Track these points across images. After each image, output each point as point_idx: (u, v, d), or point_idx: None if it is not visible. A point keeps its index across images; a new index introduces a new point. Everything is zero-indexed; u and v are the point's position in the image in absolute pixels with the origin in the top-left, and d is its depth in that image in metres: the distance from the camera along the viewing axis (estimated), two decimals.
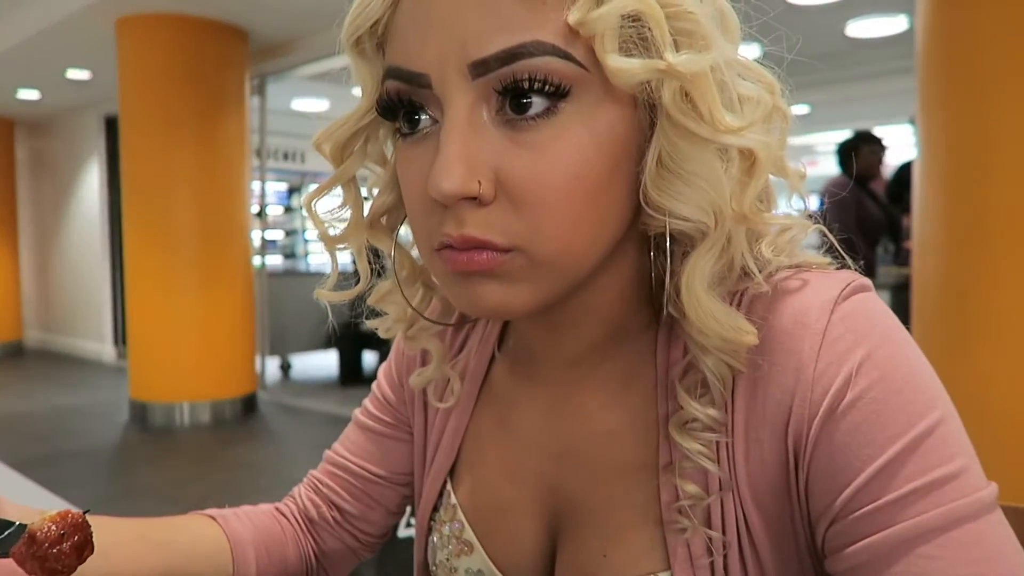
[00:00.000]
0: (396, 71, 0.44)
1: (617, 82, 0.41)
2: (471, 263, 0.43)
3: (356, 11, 0.46)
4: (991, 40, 2.07)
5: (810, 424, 0.44)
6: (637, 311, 0.53)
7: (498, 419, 0.60)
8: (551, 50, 0.40)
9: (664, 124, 0.43)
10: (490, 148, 0.42)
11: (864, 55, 5.34)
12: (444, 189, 0.41)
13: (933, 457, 0.41)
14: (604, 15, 0.40)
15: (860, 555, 0.42)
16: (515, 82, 0.41)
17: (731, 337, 0.44)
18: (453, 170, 0.41)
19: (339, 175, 0.53)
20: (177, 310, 4.83)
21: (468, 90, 0.42)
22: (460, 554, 0.58)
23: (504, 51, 0.40)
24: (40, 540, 0.42)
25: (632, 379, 0.53)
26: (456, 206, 0.43)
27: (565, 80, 0.41)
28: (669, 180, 0.44)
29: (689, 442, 0.47)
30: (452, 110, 0.42)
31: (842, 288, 0.46)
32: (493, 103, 0.42)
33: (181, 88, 4.71)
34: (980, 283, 2.12)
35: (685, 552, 0.48)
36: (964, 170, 2.15)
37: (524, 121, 0.42)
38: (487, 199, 0.42)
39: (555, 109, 0.42)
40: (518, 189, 0.42)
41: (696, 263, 0.45)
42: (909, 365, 0.44)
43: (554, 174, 0.42)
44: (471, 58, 0.41)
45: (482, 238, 0.43)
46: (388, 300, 0.58)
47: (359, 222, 0.54)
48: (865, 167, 4.02)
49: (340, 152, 0.52)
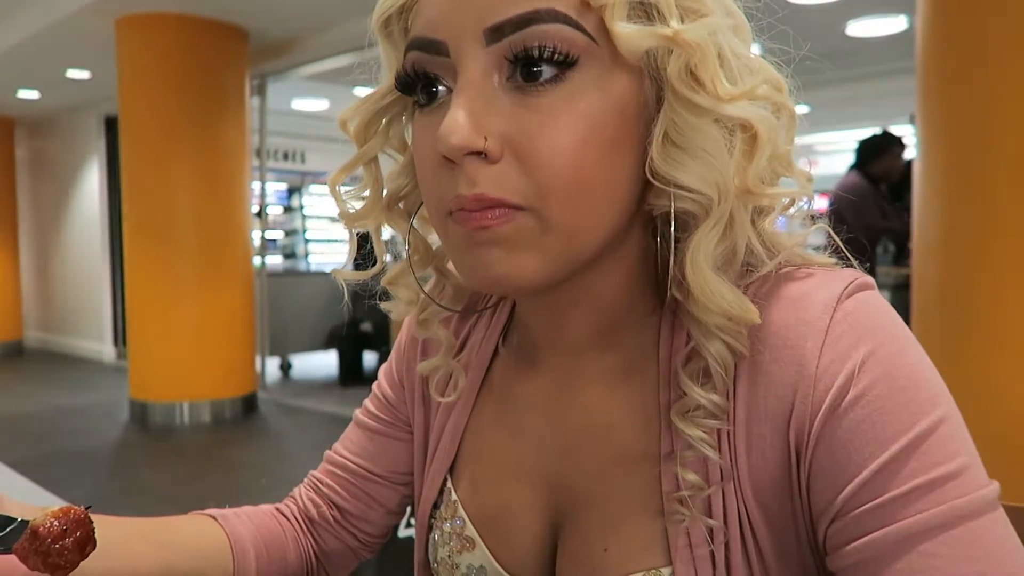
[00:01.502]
0: (417, 41, 0.46)
1: (624, 49, 0.43)
2: (484, 219, 0.44)
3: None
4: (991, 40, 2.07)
5: (812, 421, 0.44)
6: (639, 296, 0.53)
7: (499, 415, 0.60)
8: (563, 18, 0.42)
9: (670, 98, 0.44)
10: (499, 110, 0.44)
11: (864, 55, 5.34)
12: (450, 142, 0.43)
13: (935, 455, 0.42)
14: None
15: (861, 552, 0.42)
16: (526, 49, 0.43)
17: (735, 314, 0.45)
18: (460, 124, 0.43)
19: (362, 154, 0.55)
20: (177, 310, 4.83)
21: (482, 56, 0.44)
22: (462, 551, 0.58)
23: (519, 15, 0.42)
24: (42, 536, 0.42)
25: (634, 369, 0.53)
26: (465, 164, 0.44)
27: (574, 49, 0.43)
28: (675, 152, 0.45)
29: (692, 429, 0.47)
30: (465, 74, 0.44)
31: (846, 286, 0.46)
32: (504, 70, 0.44)
33: (181, 88, 4.72)
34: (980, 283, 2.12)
35: (685, 542, 0.48)
36: (964, 170, 2.15)
37: (534, 87, 0.43)
38: (495, 155, 0.44)
39: (563, 77, 0.43)
40: (526, 149, 0.43)
41: (701, 239, 0.45)
42: (912, 363, 0.44)
43: (562, 137, 0.43)
44: (487, 23, 0.43)
45: (495, 196, 0.44)
46: (400, 283, 0.59)
47: (378, 202, 0.56)
48: (884, 169, 3.96)
49: (364, 131, 0.54)
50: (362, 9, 0.49)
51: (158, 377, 4.92)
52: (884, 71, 5.41)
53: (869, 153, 3.97)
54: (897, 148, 3.98)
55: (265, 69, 5.47)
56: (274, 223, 9.04)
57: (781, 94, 0.47)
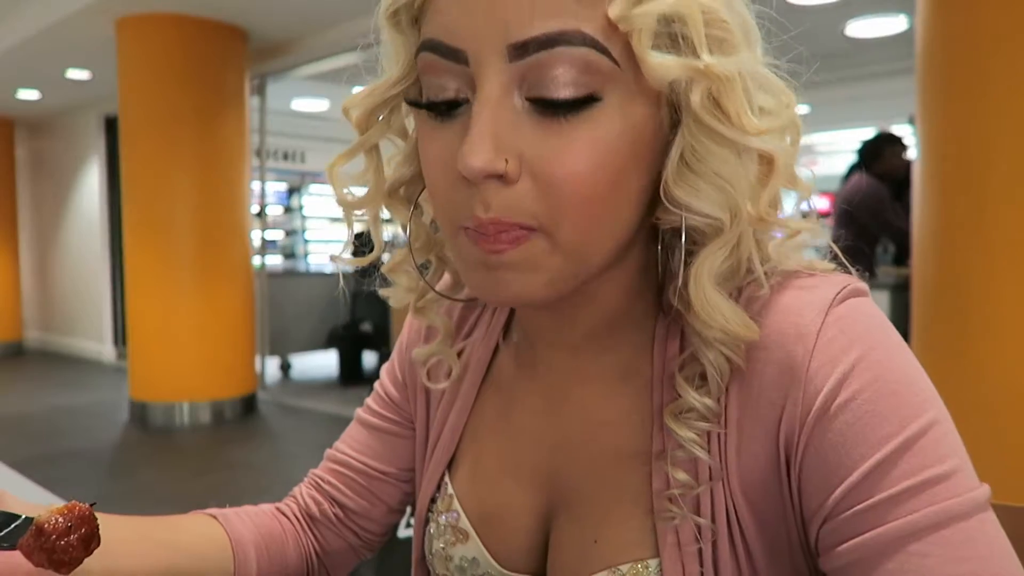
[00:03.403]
0: (434, 44, 0.45)
1: (652, 77, 0.42)
2: (498, 242, 0.44)
3: None
4: (991, 40, 2.08)
5: (802, 423, 0.45)
6: (638, 300, 0.54)
7: (498, 410, 0.61)
8: (590, 42, 0.41)
9: (690, 123, 0.44)
10: (519, 131, 0.43)
11: (864, 55, 5.34)
12: (473, 165, 0.42)
13: (926, 457, 0.42)
14: (645, 12, 0.41)
15: (852, 553, 0.42)
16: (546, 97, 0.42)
17: (734, 332, 0.45)
18: (483, 147, 0.42)
19: (363, 141, 0.54)
20: (177, 310, 4.83)
21: (503, 71, 0.43)
22: (456, 543, 0.59)
23: (545, 35, 0.41)
24: (47, 532, 0.42)
25: (629, 370, 0.54)
26: (482, 184, 0.43)
27: (596, 77, 0.42)
28: (690, 177, 0.45)
29: (684, 430, 0.48)
30: (486, 89, 0.43)
31: (838, 291, 0.47)
32: (525, 88, 0.43)
33: (181, 88, 4.72)
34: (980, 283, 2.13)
35: (674, 539, 0.48)
36: (964, 170, 2.15)
37: (554, 109, 0.43)
38: (513, 178, 0.43)
39: (585, 102, 0.42)
40: (543, 172, 0.43)
41: (707, 259, 0.46)
42: (903, 368, 0.45)
43: (579, 162, 0.43)
44: (512, 39, 0.42)
45: (509, 221, 0.44)
46: (400, 270, 0.59)
47: (379, 189, 0.56)
48: (888, 169, 3.97)
49: (366, 119, 0.53)
50: (362, 9, 0.48)
51: (158, 377, 4.92)
52: (884, 71, 5.41)
53: (872, 153, 3.97)
54: (899, 147, 3.99)
55: (265, 69, 5.47)
56: (274, 223, 9.04)
57: (790, 108, 0.47)
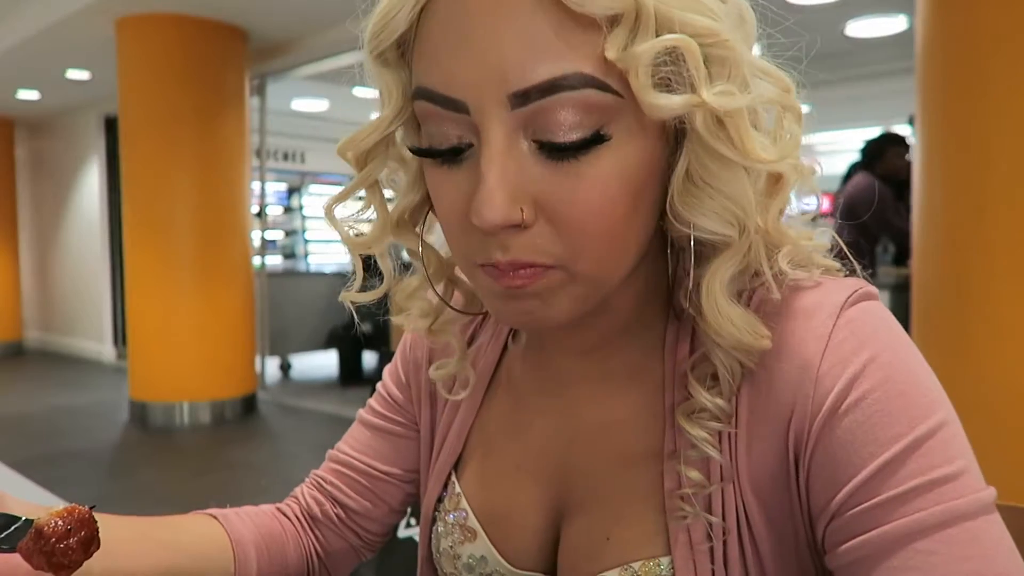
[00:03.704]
0: (431, 94, 0.44)
1: (653, 116, 0.42)
2: (516, 278, 0.45)
3: (379, 24, 0.45)
4: (991, 40, 2.08)
5: (812, 422, 0.45)
6: (649, 306, 0.54)
7: (507, 410, 0.61)
8: (590, 81, 0.41)
9: (694, 144, 0.44)
10: (529, 175, 0.43)
11: (864, 55, 5.34)
12: (489, 220, 0.42)
13: (933, 458, 0.42)
14: (642, 52, 0.40)
15: (858, 550, 0.42)
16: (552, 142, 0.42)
17: (747, 341, 0.46)
18: (497, 201, 0.42)
19: (362, 179, 0.53)
20: (177, 310, 4.83)
21: (506, 119, 0.42)
22: (464, 541, 0.59)
23: (545, 82, 0.40)
24: (47, 535, 0.42)
25: (640, 372, 0.54)
26: (500, 233, 0.43)
27: (601, 114, 0.42)
28: (696, 195, 0.45)
29: (696, 430, 0.48)
30: (491, 139, 0.42)
31: (849, 294, 0.47)
32: (531, 131, 0.42)
33: (181, 88, 4.71)
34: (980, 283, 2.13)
35: (686, 538, 0.49)
36: (964, 170, 2.15)
37: (562, 152, 0.42)
38: (529, 223, 0.43)
39: (593, 141, 0.42)
40: (558, 214, 0.43)
41: (718, 270, 0.46)
42: (913, 370, 0.45)
43: (592, 200, 0.43)
44: (511, 89, 0.41)
45: (527, 260, 0.44)
46: (415, 297, 0.59)
47: (385, 224, 0.54)
48: (890, 169, 3.98)
49: (363, 159, 0.52)
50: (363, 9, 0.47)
51: (158, 377, 4.92)
52: (884, 71, 5.41)
53: (875, 153, 3.99)
54: (902, 147, 4.00)
55: (265, 69, 5.47)
56: (274, 223, 9.04)
57: (789, 95, 0.46)
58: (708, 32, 0.41)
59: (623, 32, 0.40)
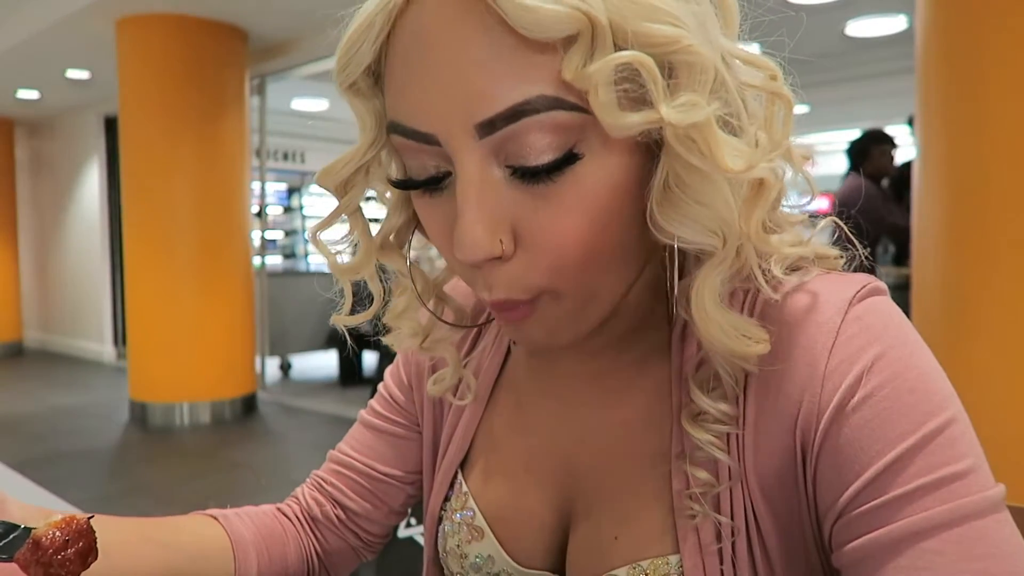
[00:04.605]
0: (402, 128, 0.44)
1: (614, 135, 0.41)
2: (512, 317, 0.47)
3: (346, 57, 0.45)
4: (991, 40, 2.07)
5: (819, 419, 0.45)
6: (653, 310, 0.54)
7: (513, 410, 0.61)
8: (555, 103, 0.40)
9: (668, 156, 0.43)
10: (506, 203, 0.43)
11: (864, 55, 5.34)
12: (470, 257, 0.42)
13: (942, 455, 0.42)
14: (597, 71, 0.39)
15: (865, 548, 0.42)
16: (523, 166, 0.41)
17: (738, 348, 0.45)
18: (477, 235, 0.42)
19: (343, 206, 0.52)
20: (177, 310, 4.83)
21: (476, 148, 0.42)
22: (471, 540, 0.59)
23: (509, 109, 0.40)
24: (45, 546, 0.42)
25: (647, 371, 0.54)
26: (483, 267, 0.44)
27: (570, 133, 0.41)
28: (675, 205, 0.43)
29: (701, 433, 0.48)
30: (464, 171, 0.42)
31: (857, 289, 0.47)
32: (503, 157, 0.42)
33: (181, 88, 4.71)
34: (980, 283, 2.12)
35: (695, 538, 0.48)
36: (964, 170, 2.15)
37: (535, 176, 0.42)
38: (508, 255, 0.44)
39: (566, 161, 0.41)
40: (537, 242, 0.43)
41: (706, 278, 0.45)
42: (921, 366, 0.44)
43: (572, 223, 0.42)
44: (477, 119, 0.41)
45: (511, 298, 0.45)
46: (404, 317, 0.58)
47: (369, 248, 0.54)
48: (877, 167, 4.00)
49: (343, 187, 0.51)
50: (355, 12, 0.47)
51: (158, 377, 4.92)
52: (884, 71, 5.41)
53: (860, 155, 4.03)
54: (885, 145, 4.02)
55: (264, 69, 5.47)
56: (274, 223, 9.04)
57: (776, 82, 0.45)
58: (668, 40, 0.39)
59: (580, 51, 0.39)
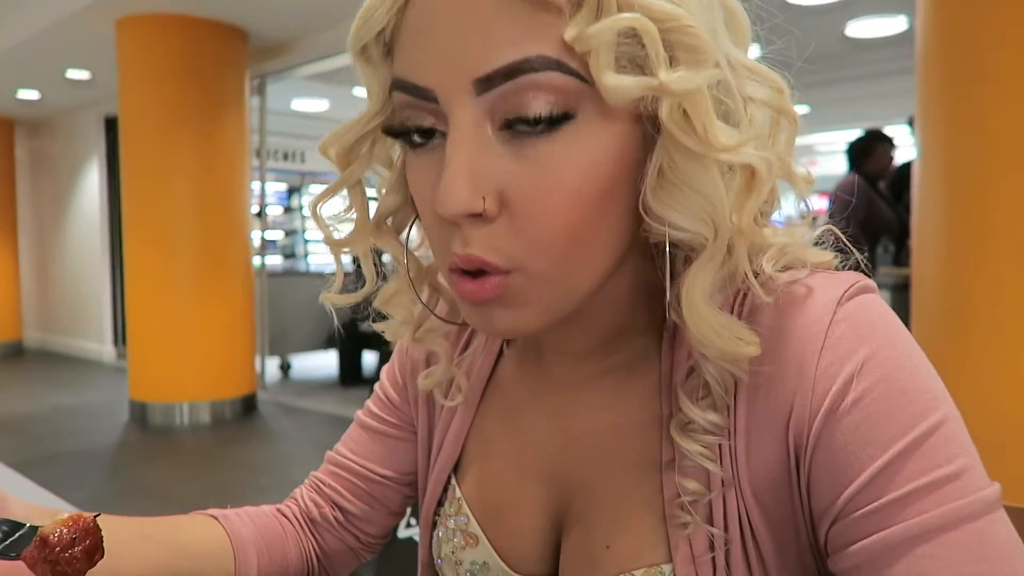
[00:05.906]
0: (402, 83, 0.44)
1: (611, 99, 0.41)
2: (479, 293, 0.44)
3: (362, 20, 0.46)
4: (991, 40, 2.07)
5: (811, 423, 0.44)
6: (642, 312, 0.53)
7: (504, 414, 0.60)
8: (554, 64, 0.40)
9: (664, 138, 0.43)
10: (495, 164, 0.42)
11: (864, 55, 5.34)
12: (449, 209, 0.42)
13: (934, 457, 0.42)
14: (599, 31, 0.39)
15: (861, 554, 0.42)
16: (518, 116, 0.41)
17: (730, 349, 0.44)
18: (458, 189, 0.41)
19: (345, 178, 0.53)
20: (177, 310, 4.83)
21: (472, 105, 0.42)
22: (466, 547, 0.59)
23: (507, 66, 0.40)
24: (52, 544, 0.42)
25: (637, 377, 0.53)
26: (463, 223, 0.43)
27: (568, 99, 0.41)
28: (668, 191, 0.43)
29: (689, 443, 0.47)
30: (456, 126, 0.42)
31: (846, 289, 0.46)
32: (497, 118, 0.42)
33: (181, 88, 4.71)
34: (980, 283, 2.13)
35: (687, 547, 0.48)
36: (964, 170, 2.15)
37: (528, 136, 0.42)
38: (491, 215, 0.43)
39: (559, 124, 0.41)
40: (521, 205, 0.42)
41: (696, 275, 0.45)
42: (912, 366, 0.44)
43: (558, 189, 0.42)
44: (475, 74, 0.41)
45: (484, 258, 0.43)
46: (394, 303, 0.58)
47: (365, 225, 0.54)
48: (877, 167, 4.02)
49: (346, 156, 0.52)
50: None
51: (158, 377, 4.92)
52: (884, 71, 5.41)
53: (859, 155, 4.07)
54: (884, 145, 4.06)
55: (265, 69, 5.47)
56: (274, 223, 9.04)
57: (782, 97, 0.45)
58: (667, 16, 0.40)
59: (585, 15, 0.40)
